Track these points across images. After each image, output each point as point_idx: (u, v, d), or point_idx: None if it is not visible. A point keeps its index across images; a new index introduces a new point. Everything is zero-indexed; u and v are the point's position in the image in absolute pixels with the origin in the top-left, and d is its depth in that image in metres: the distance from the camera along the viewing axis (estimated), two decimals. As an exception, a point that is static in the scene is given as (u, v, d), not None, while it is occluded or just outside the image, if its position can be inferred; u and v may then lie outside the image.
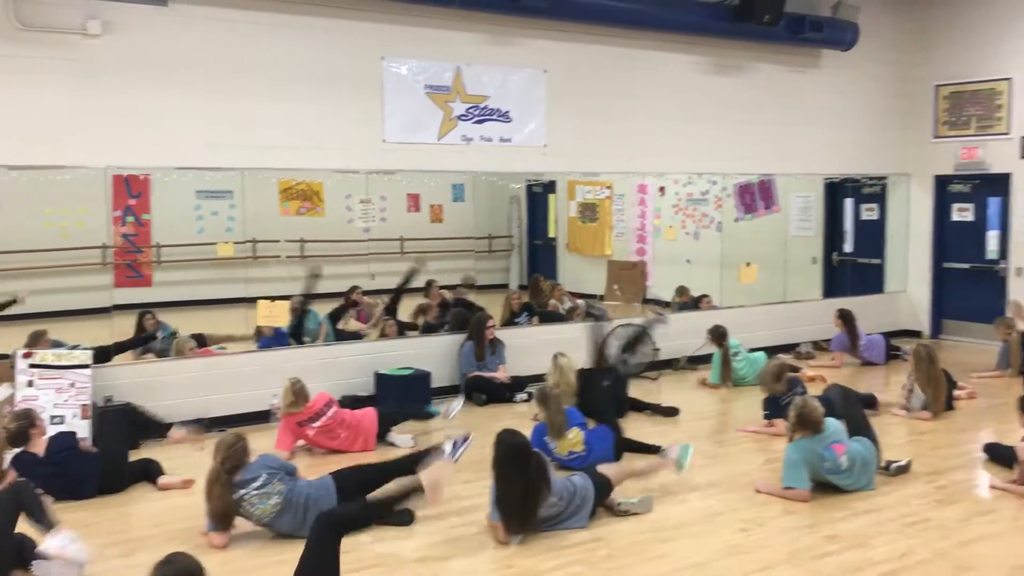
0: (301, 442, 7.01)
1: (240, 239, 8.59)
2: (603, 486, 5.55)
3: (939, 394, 7.90)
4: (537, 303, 10.56)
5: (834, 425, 5.98)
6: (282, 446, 6.84)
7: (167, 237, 9.58)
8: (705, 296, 10.97)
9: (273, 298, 8.28)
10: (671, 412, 8.14)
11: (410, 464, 5.72)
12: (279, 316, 8.28)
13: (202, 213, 9.75)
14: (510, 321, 9.88)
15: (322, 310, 9.52)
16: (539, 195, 13.03)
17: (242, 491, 5.13)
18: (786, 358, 9.18)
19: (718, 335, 9.38)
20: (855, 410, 6.52)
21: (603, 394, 7.59)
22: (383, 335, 9.00)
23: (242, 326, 8.65)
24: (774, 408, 7.39)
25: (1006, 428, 7.43)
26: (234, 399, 7.84)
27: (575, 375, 7.65)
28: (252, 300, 8.34)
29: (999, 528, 5.40)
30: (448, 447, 5.77)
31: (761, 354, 9.50)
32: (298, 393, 6.89)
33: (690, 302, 11.03)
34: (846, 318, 10.30)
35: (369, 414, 7.21)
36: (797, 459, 5.82)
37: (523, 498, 5.14)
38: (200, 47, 7.73)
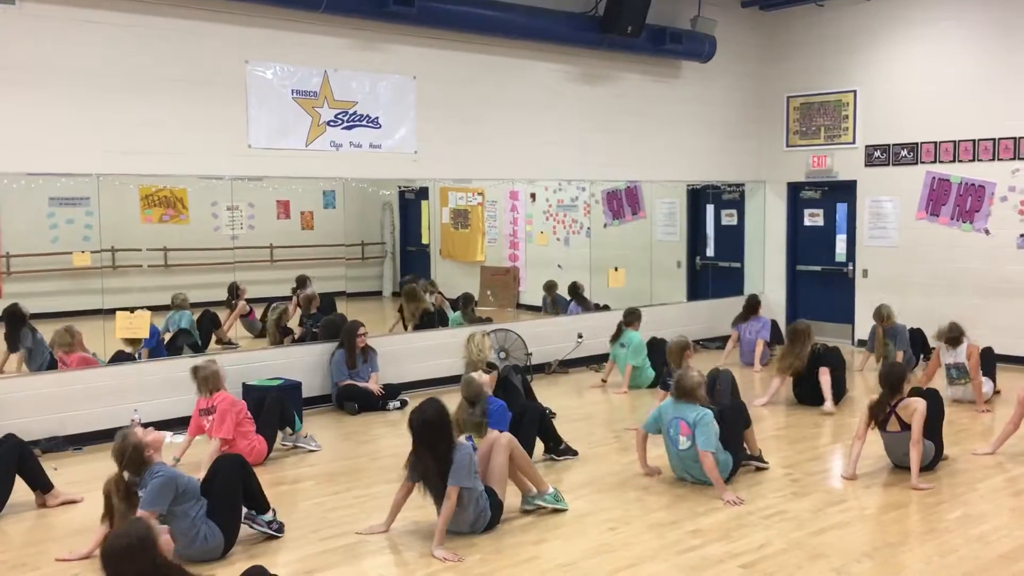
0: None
1: (98, 248, 8.25)
2: (498, 511, 5.50)
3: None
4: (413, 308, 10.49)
5: (700, 412, 6.12)
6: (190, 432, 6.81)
7: (17, 246, 9.11)
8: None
9: (132, 309, 8.01)
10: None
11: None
12: (139, 327, 8.04)
13: (56, 221, 9.30)
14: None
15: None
16: (412, 202, 13.01)
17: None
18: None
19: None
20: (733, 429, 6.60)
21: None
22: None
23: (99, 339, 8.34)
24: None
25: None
26: (93, 415, 7.50)
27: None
28: (110, 311, 8.02)
29: (849, 517, 5.71)
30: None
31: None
32: (204, 379, 6.76)
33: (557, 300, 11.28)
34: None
35: (261, 442, 6.95)
36: (656, 409, 6.50)
37: (425, 471, 5.15)
38: (53, 48, 7.37)
